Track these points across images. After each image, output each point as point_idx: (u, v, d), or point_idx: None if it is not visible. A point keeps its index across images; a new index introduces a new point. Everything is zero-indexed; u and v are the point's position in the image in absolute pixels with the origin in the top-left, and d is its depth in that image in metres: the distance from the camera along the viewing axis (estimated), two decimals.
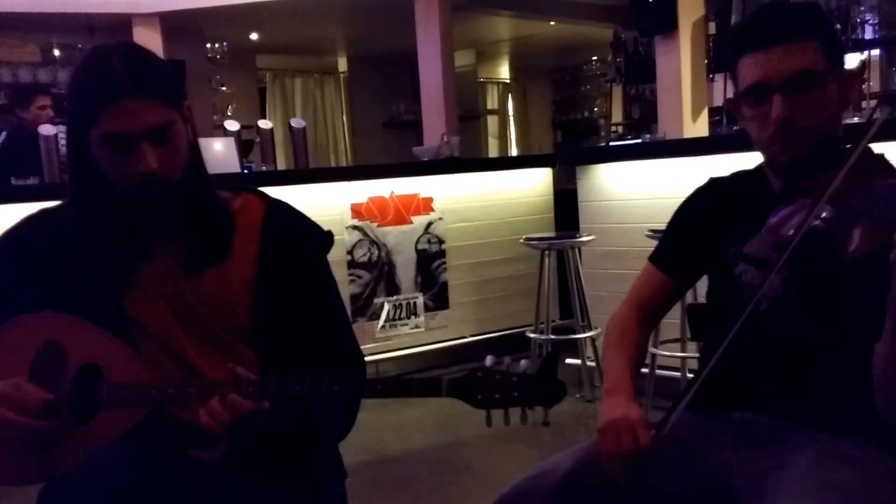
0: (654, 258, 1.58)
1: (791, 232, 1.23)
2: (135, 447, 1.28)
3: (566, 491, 1.32)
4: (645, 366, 3.41)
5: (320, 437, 1.44)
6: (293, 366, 1.33)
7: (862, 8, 5.38)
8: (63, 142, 4.60)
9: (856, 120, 3.43)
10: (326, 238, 1.48)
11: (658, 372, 3.43)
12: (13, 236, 1.44)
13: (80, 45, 7.54)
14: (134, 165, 1.27)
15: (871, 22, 5.37)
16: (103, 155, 1.30)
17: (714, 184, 1.57)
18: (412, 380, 1.25)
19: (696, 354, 3.27)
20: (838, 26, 4.95)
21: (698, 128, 5.79)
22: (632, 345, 1.52)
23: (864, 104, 3.86)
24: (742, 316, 1.25)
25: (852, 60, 3.71)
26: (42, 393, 1.29)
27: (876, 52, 5.82)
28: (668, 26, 5.74)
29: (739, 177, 1.54)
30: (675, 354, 3.34)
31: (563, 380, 1.22)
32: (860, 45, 5.38)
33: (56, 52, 7.57)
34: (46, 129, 4.41)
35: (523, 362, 1.23)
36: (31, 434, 1.28)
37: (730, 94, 1.49)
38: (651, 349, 3.35)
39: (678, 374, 3.44)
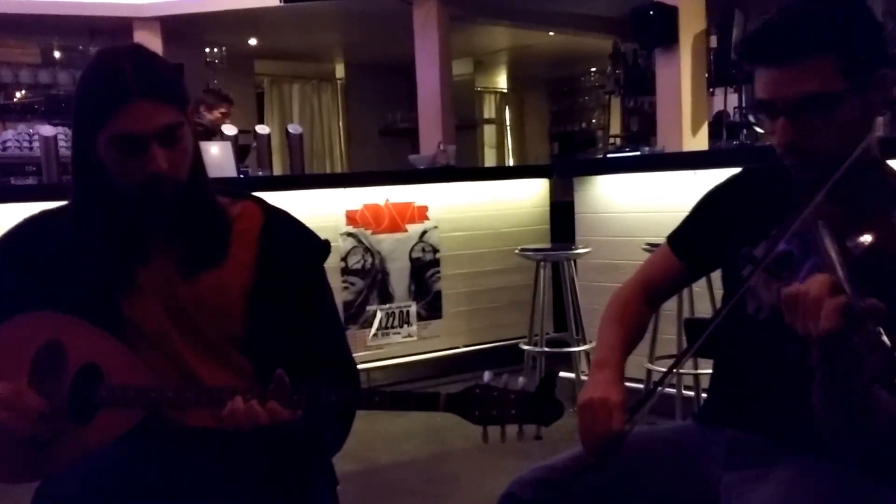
0: (672, 241, 1.53)
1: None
2: (130, 449, 1.29)
3: (571, 487, 1.34)
4: (640, 381, 3.41)
5: (321, 449, 1.44)
6: (288, 373, 1.33)
7: None
8: (62, 143, 4.59)
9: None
10: (324, 247, 1.49)
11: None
12: (14, 237, 1.46)
13: (80, 48, 7.57)
14: (143, 166, 1.30)
15: None
16: (112, 156, 1.32)
17: (744, 176, 1.50)
18: (411, 394, 1.26)
19: (692, 371, 3.25)
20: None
21: (698, 141, 5.78)
22: (630, 323, 1.49)
23: None
24: (724, 310, 1.21)
25: None
26: (40, 403, 1.30)
27: None
28: (669, 39, 5.74)
29: (770, 172, 1.44)
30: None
31: (558, 397, 1.21)
32: None
33: (56, 54, 7.58)
34: (46, 130, 4.39)
35: (521, 379, 1.26)
36: (29, 437, 1.29)
37: (729, 108, 1.44)
38: (647, 365, 3.32)
39: (674, 390, 3.41)
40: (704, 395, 1.62)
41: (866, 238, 1.10)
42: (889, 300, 1.00)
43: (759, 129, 1.34)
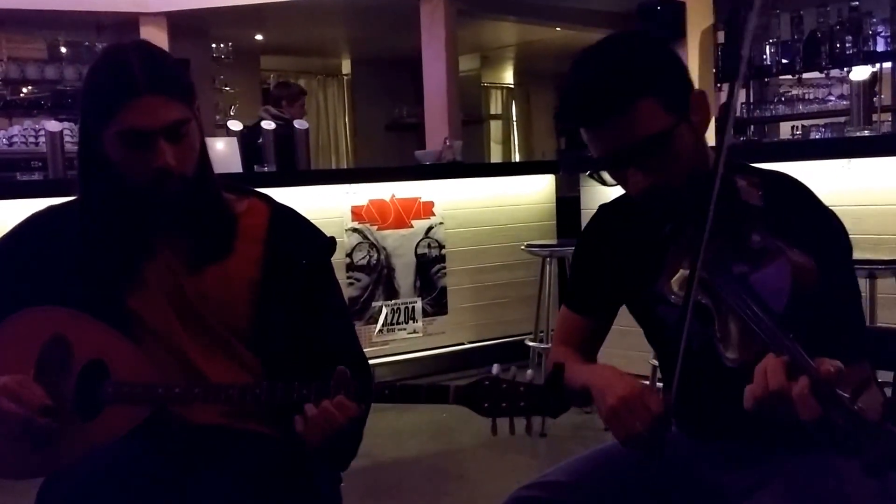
0: (567, 302, 1.53)
1: (681, 298, 1.20)
2: (135, 445, 1.30)
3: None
4: (645, 379, 3.40)
5: (346, 448, 1.43)
6: (295, 369, 1.36)
7: (874, 20, 5.36)
8: (68, 139, 4.59)
9: (866, 133, 3.39)
10: (329, 243, 1.49)
11: (659, 385, 3.38)
12: (20, 232, 1.47)
13: (86, 43, 7.57)
14: (151, 161, 1.30)
15: (883, 34, 5.34)
16: (119, 151, 1.32)
17: (604, 213, 1.51)
18: (420, 386, 1.27)
19: None
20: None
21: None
22: (580, 360, 1.45)
23: (874, 117, 3.81)
24: (676, 371, 1.21)
25: (863, 73, 3.66)
26: (43, 397, 1.31)
27: (888, 64, 5.78)
28: (676, 34, 5.73)
29: (629, 202, 1.41)
30: None
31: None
32: (871, 58, 5.35)
33: (63, 50, 7.58)
34: (52, 126, 4.38)
35: (529, 372, 1.27)
36: (32, 430, 1.29)
37: (737, 104, 1.43)
38: (652, 361, 3.30)
39: None
40: None
41: (764, 270, 1.13)
42: (815, 332, 1.03)
43: (606, 181, 1.33)
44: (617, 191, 1.39)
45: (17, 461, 1.35)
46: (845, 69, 5.44)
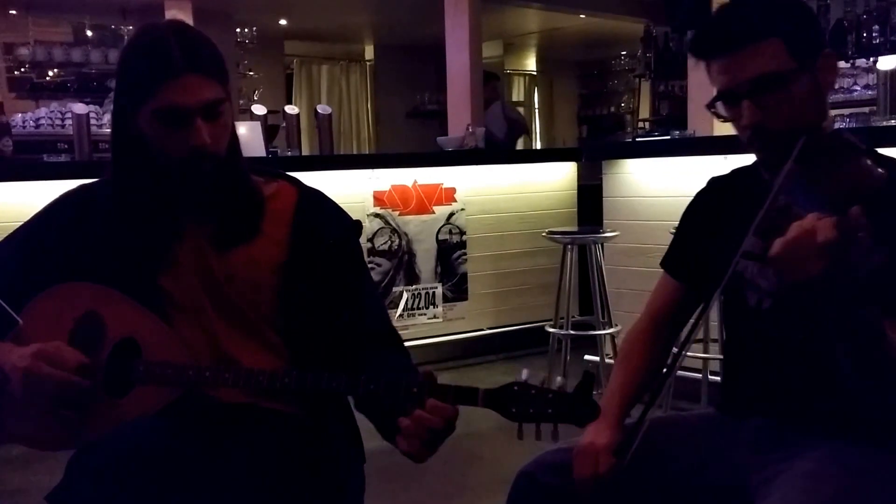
0: (665, 264, 1.57)
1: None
2: (162, 422, 1.31)
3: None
4: (664, 365, 3.37)
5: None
6: (322, 352, 1.37)
7: None
8: (94, 121, 4.63)
9: (892, 123, 3.36)
10: (356, 225, 1.51)
11: (678, 373, 3.39)
12: (53, 209, 1.49)
13: (112, 27, 7.63)
14: (187, 140, 1.32)
15: None
16: (156, 130, 1.34)
17: (714, 184, 1.56)
18: (449, 387, 1.27)
19: (719, 355, 3.23)
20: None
21: (729, 126, 5.69)
22: (632, 368, 1.52)
23: None
24: (712, 301, 1.27)
25: (890, 62, 3.62)
26: (79, 356, 1.33)
27: None
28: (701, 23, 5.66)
29: (738, 174, 1.53)
30: (696, 355, 3.30)
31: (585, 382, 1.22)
32: None
33: (89, 33, 7.65)
34: (78, 108, 4.42)
35: (559, 379, 1.26)
36: (69, 391, 1.31)
37: None
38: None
39: (699, 375, 3.40)
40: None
41: (843, 184, 1.15)
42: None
43: (720, 115, 1.41)
44: (637, 186, 1.41)
45: (48, 433, 1.37)
46: (872, 59, 5.37)
